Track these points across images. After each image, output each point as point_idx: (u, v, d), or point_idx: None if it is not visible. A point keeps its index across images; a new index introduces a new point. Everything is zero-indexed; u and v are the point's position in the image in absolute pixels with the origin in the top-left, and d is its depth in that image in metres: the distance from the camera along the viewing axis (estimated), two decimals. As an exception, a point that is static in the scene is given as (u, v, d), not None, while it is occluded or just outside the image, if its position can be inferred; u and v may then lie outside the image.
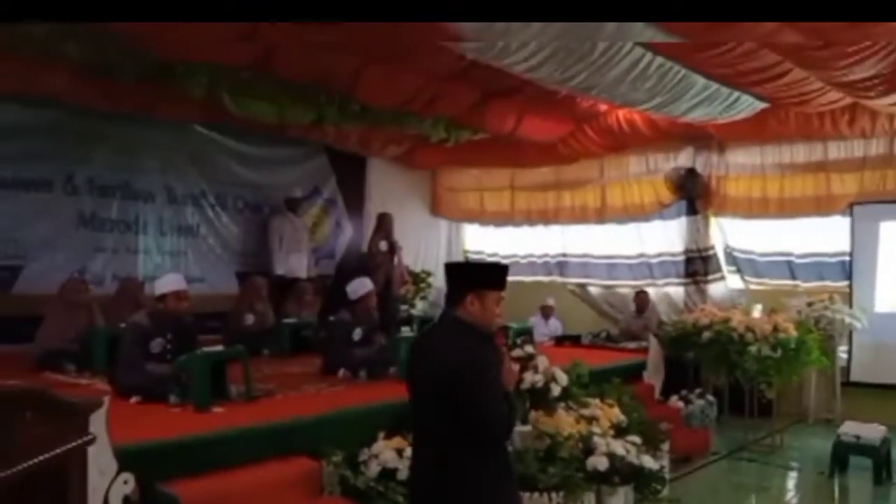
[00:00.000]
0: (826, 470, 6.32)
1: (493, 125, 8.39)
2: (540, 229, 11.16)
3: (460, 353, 2.65)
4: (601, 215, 10.38)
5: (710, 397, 7.47)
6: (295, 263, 8.97)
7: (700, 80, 6.48)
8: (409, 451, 4.26)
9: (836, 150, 8.55)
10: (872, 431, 6.28)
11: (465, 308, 2.74)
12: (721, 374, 7.61)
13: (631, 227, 10.19)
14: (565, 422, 5.13)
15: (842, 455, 6.30)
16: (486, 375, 2.64)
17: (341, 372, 6.00)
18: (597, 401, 5.71)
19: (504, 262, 9.69)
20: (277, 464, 4.16)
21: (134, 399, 4.82)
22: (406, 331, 6.36)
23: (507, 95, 7.76)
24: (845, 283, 8.56)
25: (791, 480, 6.60)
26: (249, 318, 7.62)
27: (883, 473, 6.14)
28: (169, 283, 5.35)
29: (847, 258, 8.58)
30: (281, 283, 8.64)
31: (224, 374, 4.95)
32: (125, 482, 3.05)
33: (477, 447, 2.66)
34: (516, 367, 5.14)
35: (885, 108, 7.19)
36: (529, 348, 5.70)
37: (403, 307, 9.63)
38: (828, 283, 8.69)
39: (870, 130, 7.93)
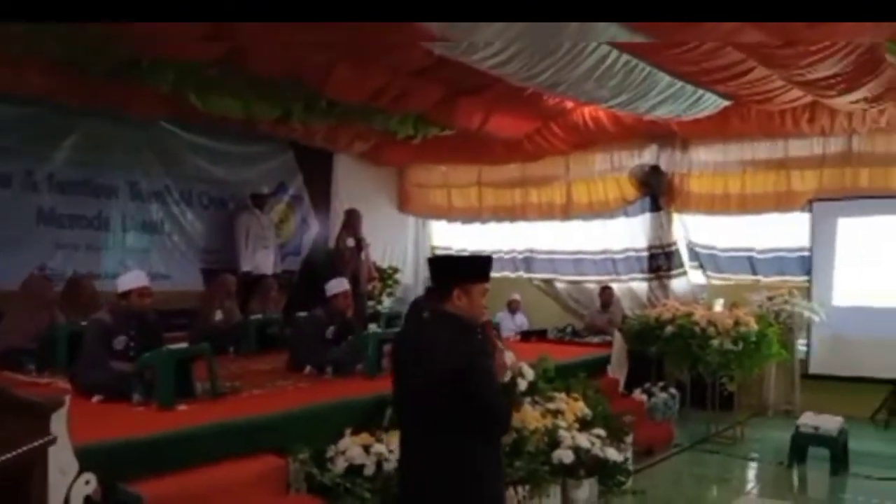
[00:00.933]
0: (785, 461, 6.46)
1: (461, 121, 8.41)
2: (507, 225, 11.24)
3: (460, 347, 2.66)
4: (567, 212, 10.47)
5: (672, 390, 7.59)
6: (261, 260, 8.91)
7: (665, 78, 6.55)
8: (376, 448, 4.32)
9: (796, 148, 8.71)
10: (830, 423, 6.43)
11: (453, 302, 2.75)
12: (683, 368, 7.72)
13: (596, 224, 10.31)
14: (531, 416, 5.18)
15: (800, 446, 6.44)
16: (488, 367, 2.69)
17: (307, 369, 5.98)
18: (562, 395, 5.77)
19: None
20: (243, 462, 4.13)
21: (96, 398, 4.75)
22: (373, 327, 6.36)
23: (474, 92, 7.78)
24: (805, 277, 8.75)
25: (751, 471, 6.73)
26: (218, 315, 7.56)
27: (840, 464, 6.29)
28: (132, 279, 5.28)
29: (806, 253, 8.77)
30: (247, 280, 8.58)
31: (189, 371, 4.90)
32: (87, 482, 3.02)
33: (480, 439, 2.69)
34: (508, 358, 5.25)
35: (844, 106, 7.34)
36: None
37: (370, 304, 9.62)
38: (788, 277, 8.87)
39: (829, 128, 8.09)
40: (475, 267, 2.90)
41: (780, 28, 4.97)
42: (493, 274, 2.93)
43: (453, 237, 11.92)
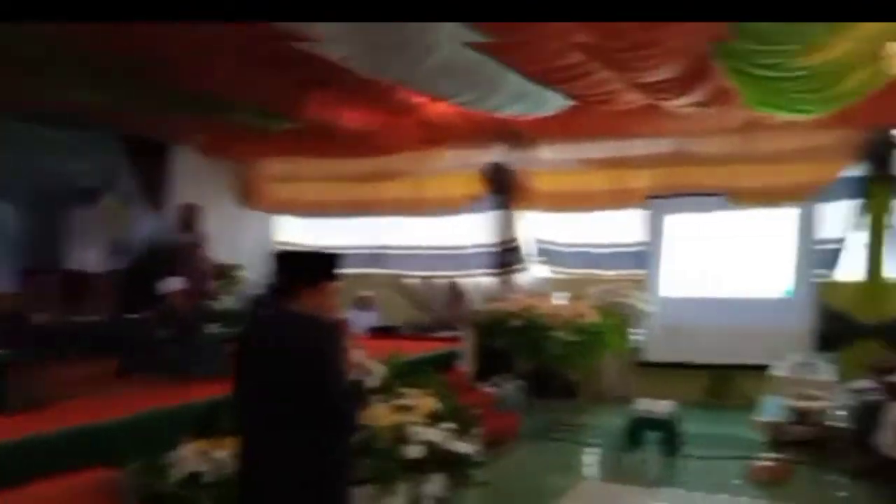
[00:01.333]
0: (623, 445, 6.77)
1: (310, 114, 8.18)
2: (357, 221, 11.11)
3: (309, 347, 2.60)
4: (418, 207, 10.50)
5: (519, 382, 7.79)
6: (89, 258, 8.26)
7: (513, 77, 6.67)
8: (217, 454, 4.09)
9: (634, 148, 9.14)
10: (663, 407, 6.85)
11: (302, 301, 2.67)
12: (529, 360, 7.94)
13: (446, 220, 10.40)
14: (381, 413, 5.12)
15: (636, 430, 6.78)
16: (339, 366, 2.63)
17: (140, 373, 5.62)
18: (413, 390, 5.74)
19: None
20: (68, 477, 3.79)
21: None
22: (214, 328, 6.06)
23: (324, 84, 7.58)
24: (641, 271, 9.29)
25: (593, 457, 7.03)
26: (39, 318, 6.93)
27: (673, 445, 6.67)
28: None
29: (642, 248, 9.32)
30: (73, 280, 7.93)
31: (4, 379, 4.46)
32: None
33: (328, 439, 2.63)
34: (358, 356, 5.15)
35: (677, 109, 7.78)
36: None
37: (210, 303, 9.18)
38: (626, 271, 9.38)
39: (663, 130, 8.55)
40: (323, 264, 2.82)
41: (614, 29, 5.17)
42: (343, 270, 2.84)
43: (302, 233, 11.63)
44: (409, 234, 10.80)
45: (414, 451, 4.92)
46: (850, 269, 8.38)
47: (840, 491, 5.79)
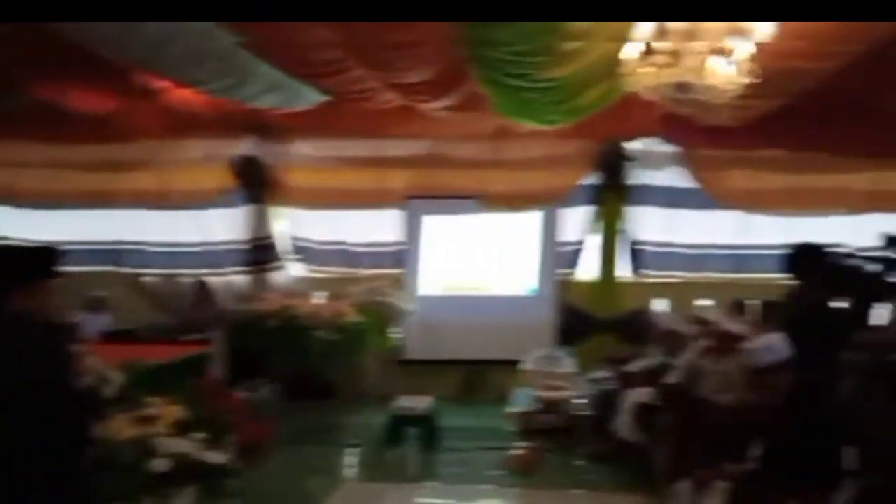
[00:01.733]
0: (383, 442, 6.76)
1: (32, 91, 7.20)
2: (89, 213, 10.03)
3: (27, 355, 2.31)
4: (160, 199, 9.72)
5: (276, 385, 7.53)
6: None
7: (265, 68, 6.38)
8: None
9: (391, 148, 9.26)
10: (421, 403, 6.96)
11: (15, 302, 2.36)
12: (288, 361, 7.71)
13: (193, 214, 9.77)
14: (121, 425, 4.63)
15: (396, 427, 6.82)
16: (65, 377, 2.42)
17: None
18: (157, 399, 5.28)
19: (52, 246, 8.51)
20: None
21: None
22: None
23: (50, 58, 6.70)
24: (400, 270, 9.43)
25: (353, 458, 6.96)
26: None
27: (432, 440, 6.80)
28: None
29: (400, 247, 9.49)
30: None
31: None
32: None
33: (55, 456, 2.34)
34: (91, 362, 4.63)
35: (432, 112, 7.95)
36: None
37: None
38: (385, 270, 9.48)
39: (419, 132, 8.73)
40: (39, 261, 2.56)
41: (368, 27, 5.12)
42: (73, 268, 2.51)
43: (18, 226, 10.21)
44: (149, 228, 9.98)
45: (160, 465, 4.51)
46: (588, 268, 9.21)
47: (584, 473, 6.26)
